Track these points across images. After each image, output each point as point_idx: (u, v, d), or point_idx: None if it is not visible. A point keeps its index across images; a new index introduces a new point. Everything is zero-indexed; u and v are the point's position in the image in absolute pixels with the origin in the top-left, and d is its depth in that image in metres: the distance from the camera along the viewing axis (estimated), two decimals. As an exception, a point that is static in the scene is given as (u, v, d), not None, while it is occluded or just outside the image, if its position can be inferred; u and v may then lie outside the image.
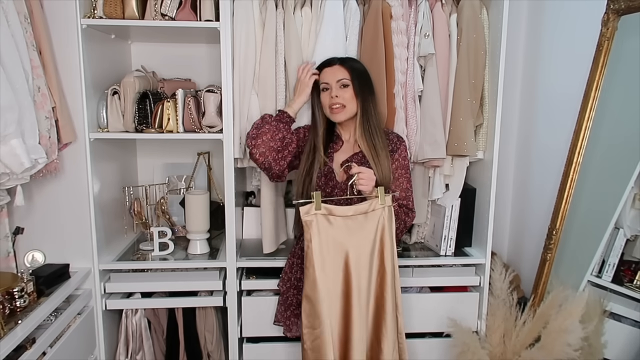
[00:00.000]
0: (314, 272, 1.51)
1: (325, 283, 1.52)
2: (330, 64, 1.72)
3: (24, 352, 1.43)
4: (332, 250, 1.54)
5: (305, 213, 1.51)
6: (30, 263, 1.78)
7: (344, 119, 1.70)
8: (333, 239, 1.53)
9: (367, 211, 1.55)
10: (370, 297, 1.58)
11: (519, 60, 2.24)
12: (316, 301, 1.51)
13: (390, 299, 1.56)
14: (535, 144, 2.16)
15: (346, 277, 1.55)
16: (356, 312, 1.54)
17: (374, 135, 1.66)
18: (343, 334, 1.57)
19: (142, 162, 2.34)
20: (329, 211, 1.53)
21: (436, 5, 1.87)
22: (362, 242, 1.56)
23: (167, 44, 2.24)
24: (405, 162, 1.72)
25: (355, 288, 1.54)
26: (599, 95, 1.70)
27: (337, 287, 1.55)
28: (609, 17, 1.67)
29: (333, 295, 1.54)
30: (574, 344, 1.59)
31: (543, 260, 1.86)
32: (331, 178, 1.70)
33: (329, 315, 1.53)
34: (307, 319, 1.54)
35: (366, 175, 1.55)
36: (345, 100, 1.67)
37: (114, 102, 1.85)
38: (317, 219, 1.51)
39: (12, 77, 1.45)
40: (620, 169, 1.67)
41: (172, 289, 1.94)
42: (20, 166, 1.47)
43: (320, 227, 1.52)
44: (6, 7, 1.46)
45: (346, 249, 1.54)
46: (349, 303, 1.55)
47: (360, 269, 1.55)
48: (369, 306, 1.58)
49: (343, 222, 1.54)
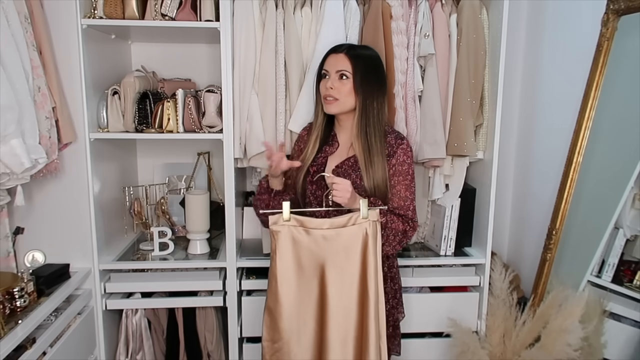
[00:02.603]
0: (276, 285, 1.42)
1: (291, 297, 1.42)
2: (337, 50, 1.57)
3: (24, 352, 1.43)
4: (306, 264, 1.43)
5: (273, 223, 1.41)
6: (31, 263, 1.78)
7: (336, 112, 1.56)
8: (306, 253, 1.42)
9: (346, 225, 1.42)
10: (351, 321, 1.43)
11: (519, 60, 2.24)
12: (277, 315, 1.43)
13: (373, 328, 1.40)
14: (535, 144, 2.16)
15: (322, 293, 1.43)
16: (334, 332, 1.41)
17: (372, 139, 1.53)
18: (317, 354, 1.46)
19: (142, 162, 2.34)
20: (300, 223, 1.42)
21: (436, 5, 1.87)
22: (340, 259, 1.42)
23: (167, 44, 2.24)
24: (403, 168, 1.56)
25: (332, 307, 1.41)
26: (599, 95, 1.70)
27: (311, 303, 1.44)
28: (609, 17, 1.67)
29: (305, 311, 1.44)
30: (574, 344, 1.59)
31: (543, 260, 1.86)
32: (320, 186, 1.58)
33: (295, 330, 1.43)
34: (268, 331, 1.46)
35: (341, 187, 1.41)
36: (340, 94, 1.53)
37: (114, 102, 1.85)
38: (285, 230, 1.41)
39: (12, 77, 1.45)
40: (620, 169, 1.67)
41: (172, 289, 1.94)
42: (20, 166, 1.47)
43: (290, 239, 1.42)
44: (6, 7, 1.46)
45: (322, 263, 1.42)
46: (325, 321, 1.43)
47: (339, 287, 1.42)
48: (350, 329, 1.43)
49: (319, 235, 1.42)
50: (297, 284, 1.43)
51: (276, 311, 1.43)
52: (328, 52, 1.60)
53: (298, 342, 1.45)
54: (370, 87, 1.54)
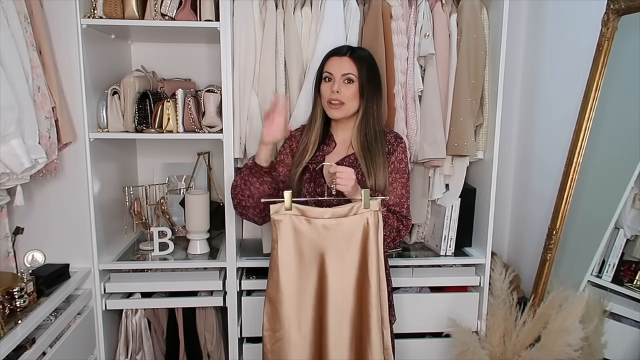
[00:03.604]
0: (278, 275, 1.42)
1: (292, 286, 1.43)
2: (339, 52, 1.57)
3: (24, 352, 1.43)
4: (307, 253, 1.43)
5: (275, 212, 1.41)
6: (30, 263, 1.78)
7: (341, 117, 1.57)
8: (307, 242, 1.43)
9: (348, 214, 1.42)
10: (349, 309, 1.44)
11: (519, 60, 2.24)
12: (278, 303, 1.43)
13: (375, 314, 1.41)
14: (535, 144, 2.16)
15: (321, 282, 1.44)
16: (332, 321, 1.43)
17: (372, 140, 1.55)
18: (317, 341, 1.47)
19: (142, 162, 2.34)
20: (301, 212, 1.42)
21: (436, 5, 1.87)
22: (341, 248, 1.42)
23: (167, 44, 2.24)
24: (401, 166, 1.59)
25: (331, 295, 1.42)
26: (599, 95, 1.70)
27: (310, 292, 1.45)
28: (609, 17, 1.67)
29: (304, 300, 1.44)
30: (574, 344, 1.59)
31: (543, 260, 1.86)
32: (319, 184, 1.58)
33: (295, 319, 1.44)
34: (269, 321, 1.46)
35: (345, 175, 1.42)
36: (346, 98, 1.54)
37: (114, 102, 1.85)
38: (287, 219, 1.41)
39: (12, 77, 1.45)
40: (620, 169, 1.67)
41: (172, 289, 1.94)
42: (20, 166, 1.47)
43: (291, 228, 1.42)
44: (6, 7, 1.46)
45: (322, 252, 1.42)
46: (324, 310, 1.44)
47: (338, 276, 1.43)
48: (347, 318, 1.45)
49: (320, 224, 1.42)
50: (298, 272, 1.44)
51: (277, 300, 1.44)
52: (328, 55, 1.60)
53: (298, 331, 1.45)
54: (373, 89, 1.56)
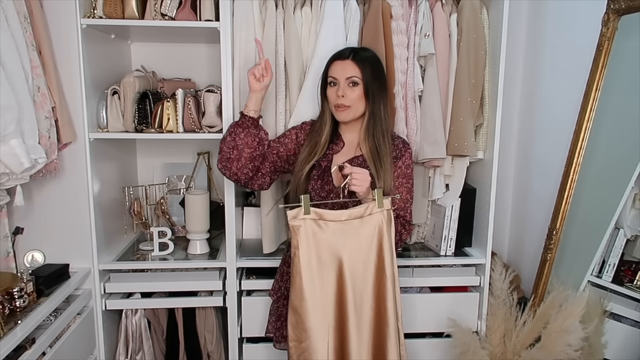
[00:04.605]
0: (301, 282, 1.39)
1: (315, 293, 1.41)
2: (341, 56, 1.57)
3: (24, 352, 1.43)
4: (324, 258, 1.42)
5: (293, 218, 1.39)
6: (30, 263, 1.78)
7: (349, 119, 1.58)
8: (325, 246, 1.42)
9: (363, 215, 1.43)
10: (369, 307, 1.45)
11: (519, 60, 2.24)
12: (304, 313, 1.40)
13: (392, 309, 1.43)
14: (535, 144, 2.16)
15: (340, 286, 1.43)
16: (352, 324, 1.43)
17: (380, 141, 1.55)
18: (339, 346, 1.45)
19: (142, 162, 2.34)
20: (319, 215, 1.41)
21: (436, 5, 1.87)
22: (358, 249, 1.43)
23: (167, 44, 2.24)
24: (408, 172, 1.60)
25: (350, 298, 1.42)
26: (599, 96, 1.70)
27: (330, 297, 1.43)
28: (609, 17, 1.67)
29: (326, 306, 1.43)
30: (574, 344, 1.59)
31: (543, 260, 1.86)
32: (327, 182, 1.58)
33: (320, 327, 1.42)
34: (294, 331, 1.43)
35: (360, 176, 1.43)
36: (351, 101, 1.53)
37: (114, 102, 1.85)
38: (305, 224, 1.40)
39: (12, 77, 1.45)
40: (620, 169, 1.67)
41: (172, 289, 1.93)
42: (20, 166, 1.47)
43: (310, 233, 1.40)
44: (6, 7, 1.46)
45: (340, 256, 1.42)
46: (344, 314, 1.43)
47: (356, 277, 1.43)
48: (367, 317, 1.45)
49: (336, 227, 1.42)
50: (319, 278, 1.43)
51: (302, 309, 1.41)
52: (332, 59, 1.60)
53: (324, 340, 1.44)
54: (378, 90, 1.56)
